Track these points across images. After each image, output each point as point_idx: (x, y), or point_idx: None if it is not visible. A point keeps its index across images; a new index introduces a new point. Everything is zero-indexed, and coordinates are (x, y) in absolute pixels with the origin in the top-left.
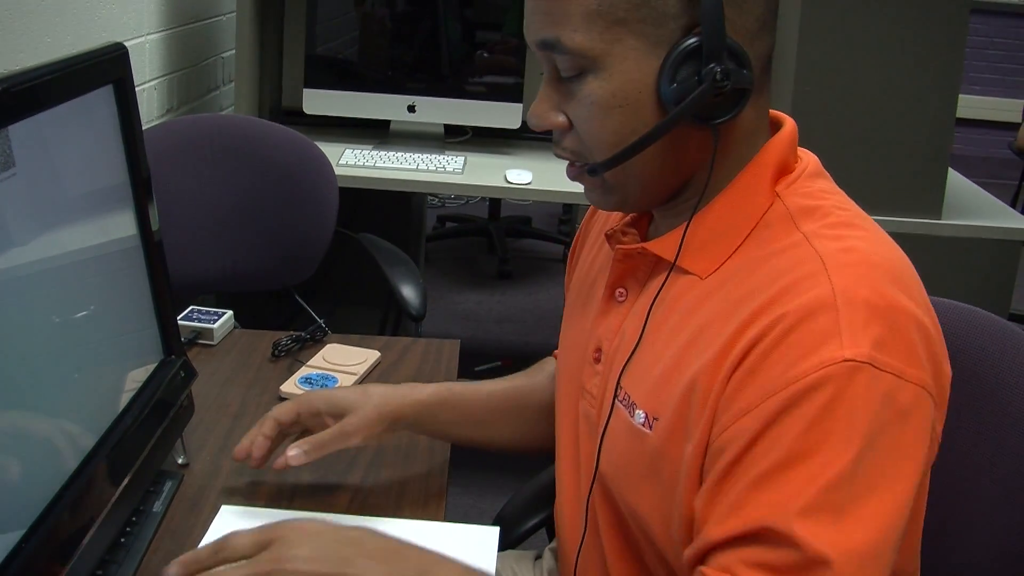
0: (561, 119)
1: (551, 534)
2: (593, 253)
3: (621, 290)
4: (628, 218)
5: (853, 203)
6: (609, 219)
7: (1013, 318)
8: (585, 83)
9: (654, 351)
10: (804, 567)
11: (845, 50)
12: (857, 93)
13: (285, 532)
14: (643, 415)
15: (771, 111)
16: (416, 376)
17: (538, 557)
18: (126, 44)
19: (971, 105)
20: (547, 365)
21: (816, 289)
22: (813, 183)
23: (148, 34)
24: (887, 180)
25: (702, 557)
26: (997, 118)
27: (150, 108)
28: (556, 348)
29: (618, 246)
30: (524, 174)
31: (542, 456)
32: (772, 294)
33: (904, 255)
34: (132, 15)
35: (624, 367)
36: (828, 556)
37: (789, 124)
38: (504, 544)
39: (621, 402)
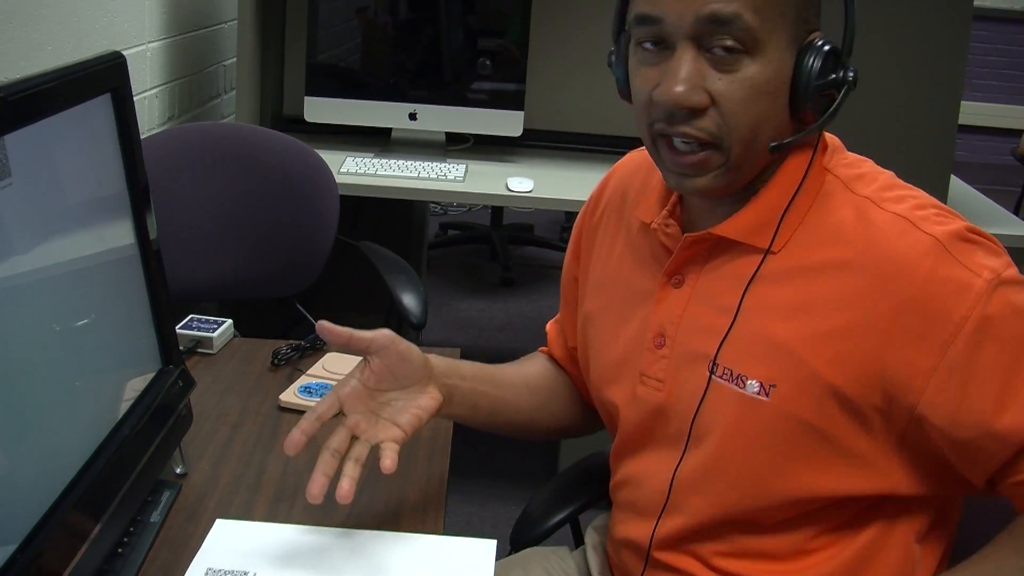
0: (703, 97)
1: (575, 531)
2: (618, 246)
3: (678, 276)
4: (666, 210)
5: (879, 166)
6: (625, 209)
7: None
8: (743, 65)
9: (749, 326)
10: None
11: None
12: (859, 100)
13: None
14: (757, 384)
15: None
16: None
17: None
18: (127, 52)
19: (974, 112)
20: (540, 357)
21: (922, 242)
22: (846, 155)
23: (150, 42)
24: None
25: (1013, 485)
26: (1000, 125)
27: (151, 116)
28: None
29: (687, 234)
30: (525, 182)
31: (576, 437)
32: (878, 261)
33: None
34: (133, 23)
35: (720, 345)
36: None
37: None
38: (529, 542)
39: (721, 376)
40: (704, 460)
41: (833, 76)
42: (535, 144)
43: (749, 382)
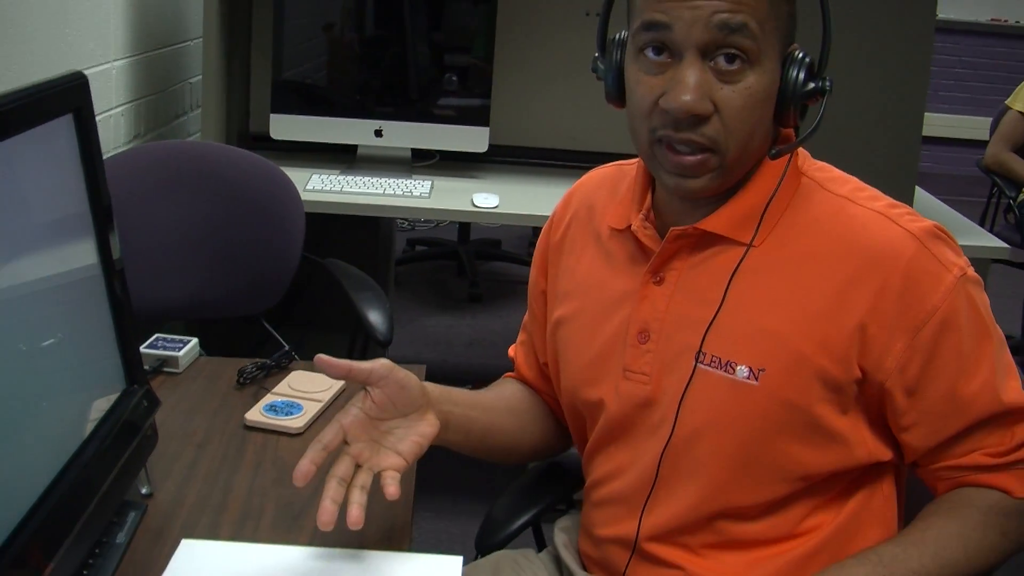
0: (708, 106)
1: (537, 534)
2: (588, 254)
3: (659, 275)
4: (641, 213)
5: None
6: (594, 220)
7: None
8: (744, 75)
9: (736, 315)
10: (1014, 421)
11: None
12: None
13: None
14: (747, 369)
15: None
16: None
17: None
18: (92, 71)
19: (939, 123)
20: (509, 382)
21: (899, 238)
22: (815, 162)
23: (114, 60)
24: None
25: (936, 471)
26: (965, 136)
27: (117, 134)
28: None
29: (672, 228)
30: (491, 198)
31: (554, 456)
32: (861, 250)
33: None
34: (98, 42)
35: (704, 336)
36: (1018, 401)
37: None
38: (494, 546)
39: (709, 365)
40: (692, 445)
41: (813, 85)
42: (500, 160)
43: (739, 368)
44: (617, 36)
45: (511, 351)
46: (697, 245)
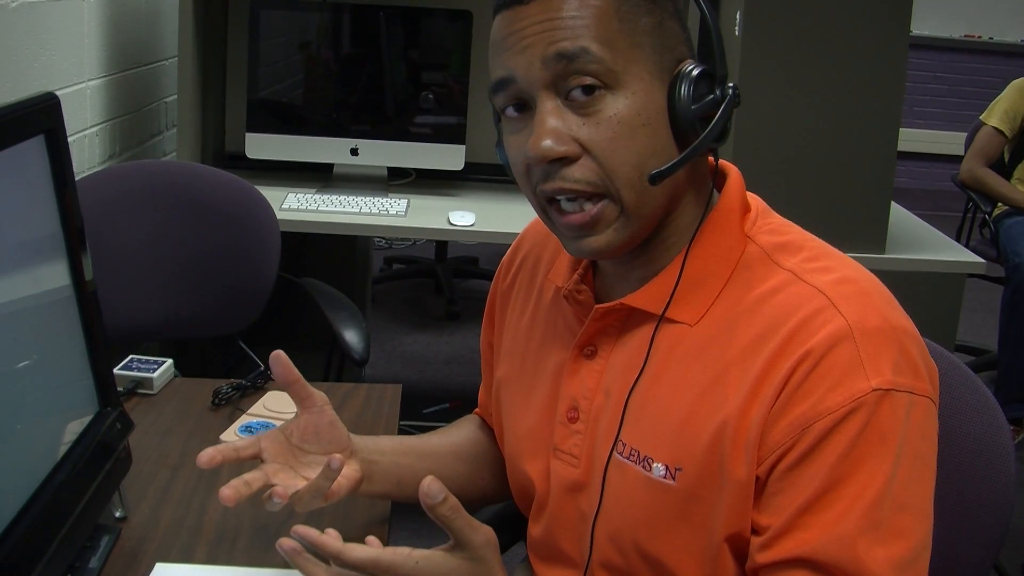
0: (572, 147)
1: None
2: (528, 311)
3: (591, 347)
4: (576, 275)
5: (808, 232)
6: (539, 275)
7: (960, 349)
8: (606, 103)
9: (658, 403)
10: None
11: (785, 86)
12: (798, 128)
13: None
14: (663, 468)
15: (710, 159)
16: (357, 421)
17: None
18: (67, 91)
19: (914, 139)
20: (470, 422)
21: (832, 323)
22: (772, 219)
23: (89, 80)
24: (830, 215)
25: None
26: (940, 151)
27: (92, 154)
28: None
29: (597, 305)
30: (467, 215)
31: (503, 502)
32: (788, 332)
33: (869, 272)
34: (72, 61)
35: (620, 423)
36: (874, 570)
37: (734, 169)
38: None
39: (628, 458)
40: (618, 541)
41: (711, 97)
42: (477, 178)
43: (656, 465)
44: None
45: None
46: (628, 320)
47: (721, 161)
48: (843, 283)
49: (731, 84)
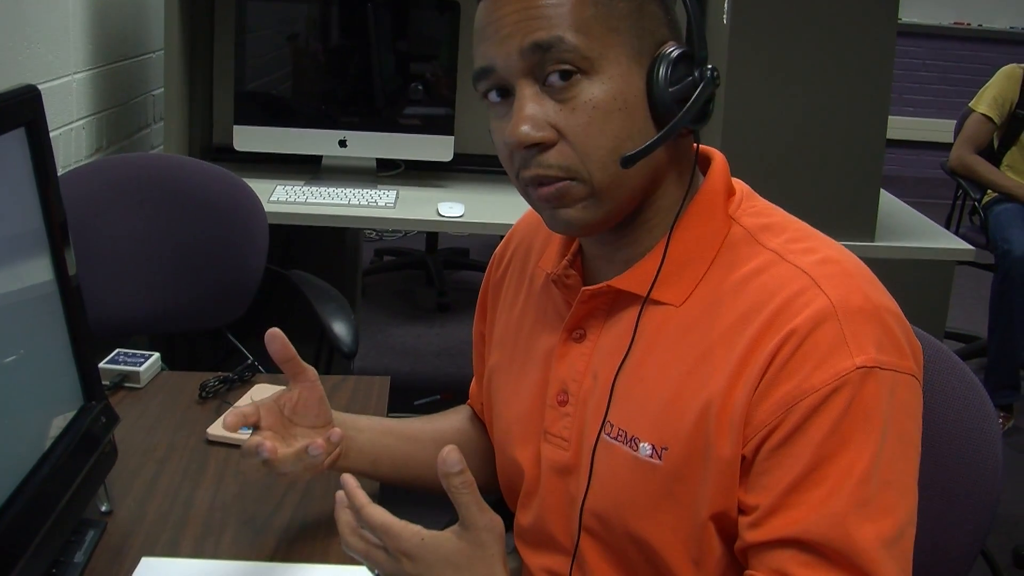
0: (549, 132)
1: None
2: (520, 300)
3: (579, 331)
4: (565, 260)
5: (791, 215)
6: (530, 264)
7: (949, 336)
8: (582, 88)
9: (645, 383)
10: (845, 561)
11: (774, 74)
12: (787, 117)
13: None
14: (649, 447)
15: (694, 144)
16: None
17: None
18: (52, 84)
19: (904, 126)
20: (459, 412)
21: (815, 303)
22: (756, 202)
23: (75, 73)
24: (819, 203)
25: (745, 558)
26: (929, 139)
27: (79, 148)
28: None
29: (584, 287)
30: (456, 207)
31: (490, 495)
32: (772, 311)
33: (851, 253)
34: (57, 54)
35: (608, 403)
36: (864, 547)
37: (718, 153)
38: None
39: (615, 438)
40: (606, 523)
41: (689, 79)
42: (466, 168)
43: (642, 444)
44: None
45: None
46: (615, 302)
47: (705, 147)
48: (826, 263)
49: (710, 66)
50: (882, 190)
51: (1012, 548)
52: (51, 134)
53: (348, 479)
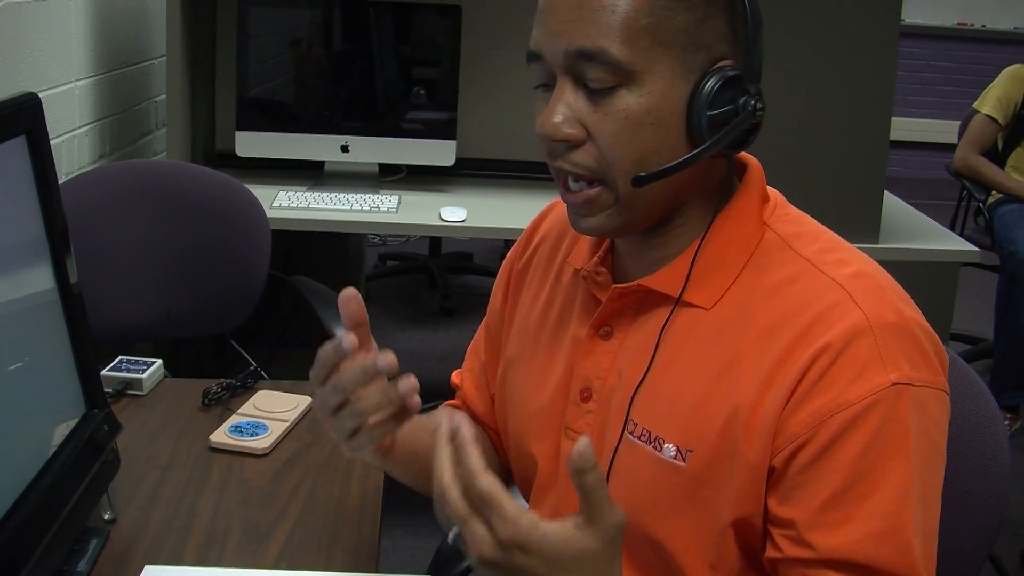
0: (578, 131)
1: None
2: (544, 292)
3: (607, 328)
4: (597, 257)
5: (822, 225)
6: (558, 256)
7: (955, 338)
8: (618, 97)
9: (672, 385)
10: None
11: (777, 76)
12: (790, 118)
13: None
14: (674, 448)
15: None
16: None
17: None
18: (55, 91)
19: (908, 128)
20: (441, 412)
21: (849, 317)
22: (789, 210)
23: (77, 80)
24: (823, 205)
25: (775, 568)
26: (934, 140)
27: (81, 154)
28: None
29: (615, 285)
30: (459, 211)
31: None
32: (806, 322)
33: (879, 266)
34: (60, 61)
35: (631, 402)
36: (912, 563)
37: (754, 160)
38: None
39: (639, 438)
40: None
41: (731, 105)
42: (468, 173)
43: (667, 445)
44: None
45: (455, 377)
46: (644, 302)
47: (742, 153)
48: (859, 277)
49: (756, 95)
50: (886, 192)
51: (1020, 551)
52: (54, 141)
53: (464, 431)
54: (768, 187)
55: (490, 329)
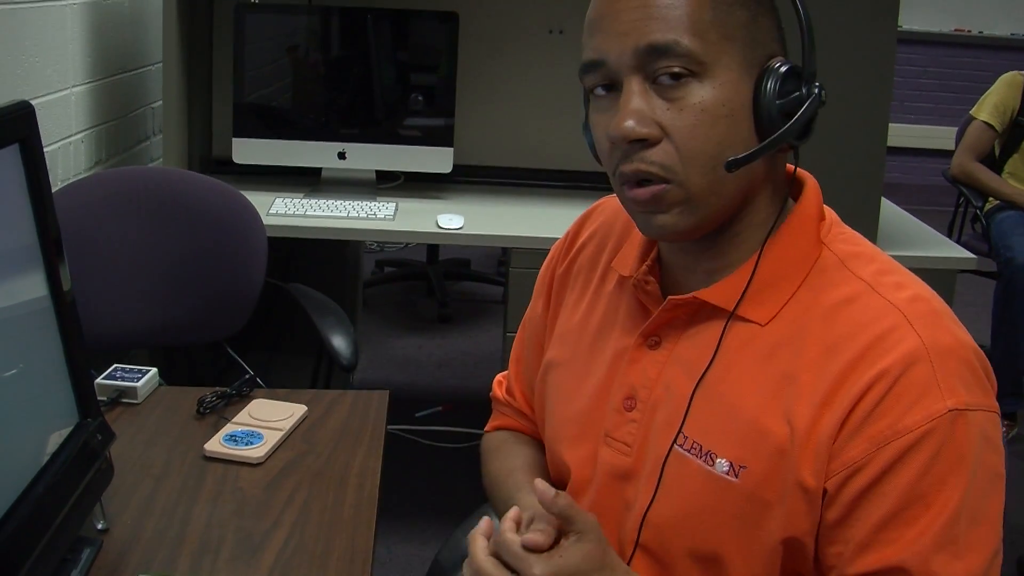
0: (654, 129)
1: None
2: (587, 297)
3: (655, 338)
4: (645, 266)
5: (876, 246)
6: (602, 261)
7: None
8: (691, 90)
9: (725, 400)
10: None
11: None
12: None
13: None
14: (727, 463)
15: (788, 166)
16: (344, 429)
17: None
18: (51, 97)
19: (905, 134)
20: (513, 448)
21: (906, 341)
22: (844, 229)
23: (74, 86)
24: None
25: None
26: (931, 146)
27: (77, 161)
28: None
29: (671, 296)
30: (456, 218)
31: None
32: (863, 346)
33: (931, 289)
34: (56, 68)
35: (686, 415)
36: None
37: (811, 177)
38: None
39: (688, 451)
40: (663, 533)
41: (796, 94)
42: (465, 180)
43: (719, 460)
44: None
45: (499, 390)
46: (697, 314)
47: (799, 170)
48: (916, 301)
49: (817, 84)
50: (883, 198)
51: (1017, 558)
52: (50, 147)
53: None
54: (824, 206)
55: (532, 336)
